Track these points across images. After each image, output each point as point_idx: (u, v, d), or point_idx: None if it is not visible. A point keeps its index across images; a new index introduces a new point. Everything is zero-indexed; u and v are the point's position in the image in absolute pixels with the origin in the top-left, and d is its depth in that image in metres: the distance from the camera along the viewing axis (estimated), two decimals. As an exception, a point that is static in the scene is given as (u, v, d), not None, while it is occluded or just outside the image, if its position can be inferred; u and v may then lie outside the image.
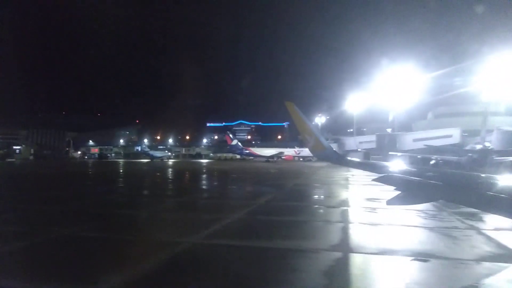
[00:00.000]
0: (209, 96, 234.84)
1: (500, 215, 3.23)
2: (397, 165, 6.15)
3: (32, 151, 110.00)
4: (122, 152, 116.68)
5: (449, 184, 3.93)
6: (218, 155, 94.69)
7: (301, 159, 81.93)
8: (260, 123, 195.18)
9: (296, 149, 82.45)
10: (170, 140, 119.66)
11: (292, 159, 77.66)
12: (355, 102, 63.81)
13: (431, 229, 10.16)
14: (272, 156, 75.84)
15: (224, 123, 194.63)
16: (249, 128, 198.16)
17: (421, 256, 7.13)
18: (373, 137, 56.20)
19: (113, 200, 16.63)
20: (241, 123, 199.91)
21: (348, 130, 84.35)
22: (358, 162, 6.93)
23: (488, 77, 42.47)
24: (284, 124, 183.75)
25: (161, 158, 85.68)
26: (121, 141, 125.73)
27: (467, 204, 4.07)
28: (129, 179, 32.22)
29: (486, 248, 7.91)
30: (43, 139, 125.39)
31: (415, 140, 47.38)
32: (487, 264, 6.72)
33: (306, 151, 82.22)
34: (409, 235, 9.54)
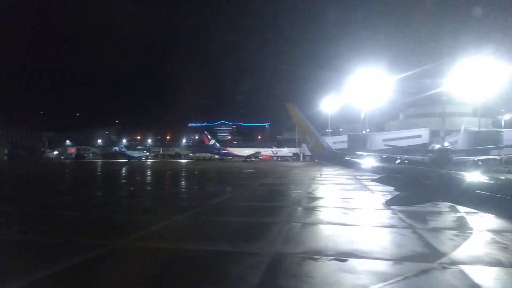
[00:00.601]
0: (191, 96, 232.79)
1: (498, 215, 3.20)
2: (396, 165, 6.10)
3: (6, 151, 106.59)
4: (99, 153, 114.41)
5: (448, 185, 3.93)
6: (197, 155, 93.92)
7: (279, 159, 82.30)
8: (241, 123, 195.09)
9: (274, 149, 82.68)
10: (149, 140, 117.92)
11: (269, 158, 77.81)
12: (330, 103, 64.41)
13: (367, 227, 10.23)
14: (249, 156, 75.78)
15: (205, 123, 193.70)
16: (230, 128, 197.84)
17: (343, 256, 7.06)
18: (345, 137, 56.76)
19: (43, 200, 15.80)
20: (222, 123, 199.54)
21: (327, 130, 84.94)
22: (358, 163, 6.92)
23: (457, 79, 43.64)
24: (265, 124, 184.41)
25: (138, 158, 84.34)
26: (99, 141, 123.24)
27: (465, 204, 4.10)
28: (90, 179, 31.36)
29: (412, 248, 7.91)
30: (18, 139, 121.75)
31: (384, 140, 48.17)
32: (406, 264, 6.69)
33: (283, 151, 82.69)
34: (343, 234, 9.47)
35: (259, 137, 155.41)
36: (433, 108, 55.94)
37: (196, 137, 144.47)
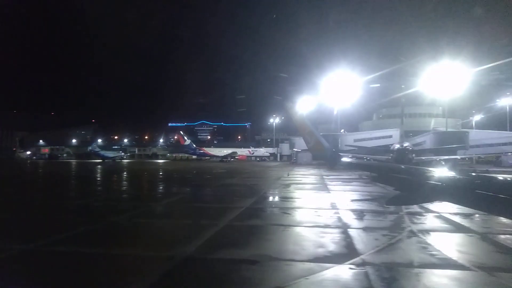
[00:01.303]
0: (171, 95, 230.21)
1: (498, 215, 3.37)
2: (396, 165, 5.98)
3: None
4: (74, 153, 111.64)
5: (448, 185, 3.90)
6: (174, 155, 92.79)
7: (257, 159, 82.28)
8: (222, 123, 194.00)
9: (251, 149, 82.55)
10: (126, 140, 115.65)
11: (245, 158, 77.63)
12: (305, 103, 64.72)
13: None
14: (226, 156, 75.40)
15: (186, 123, 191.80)
16: (211, 128, 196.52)
17: (254, 258, 6.85)
18: (319, 137, 56.80)
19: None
20: (203, 123, 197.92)
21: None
22: (358, 163, 6.91)
23: (427, 81, 44.51)
24: (246, 124, 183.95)
25: (113, 158, 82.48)
26: (74, 141, 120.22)
27: (466, 204, 4.06)
28: (44, 179, 30.39)
29: (330, 248, 7.80)
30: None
31: (356, 140, 48.66)
32: (316, 264, 6.54)
33: (260, 151, 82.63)
34: (272, 235, 9.29)
35: (239, 137, 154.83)
36: (405, 109, 56.80)
37: (176, 137, 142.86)
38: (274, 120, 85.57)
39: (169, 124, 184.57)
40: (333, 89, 49.76)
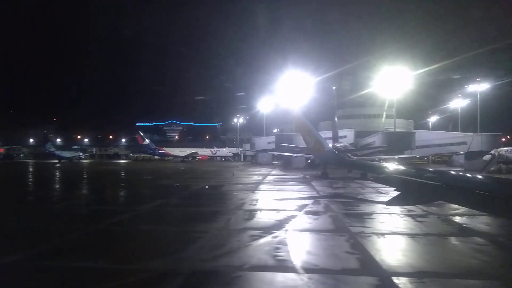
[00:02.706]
0: (140, 94, 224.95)
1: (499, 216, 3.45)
2: (397, 166, 5.85)
3: None
4: (31, 153, 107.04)
5: (449, 185, 3.88)
6: (135, 155, 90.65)
7: (223, 159, 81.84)
8: (192, 123, 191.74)
9: (213, 149, 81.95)
10: (86, 140, 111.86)
11: (207, 159, 76.92)
12: (266, 104, 65.04)
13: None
14: (187, 156, 74.33)
15: (154, 123, 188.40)
16: (180, 127, 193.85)
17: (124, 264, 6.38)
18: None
19: None
20: (172, 123, 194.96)
21: (274, 130, 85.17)
22: (358, 163, 6.72)
23: (382, 82, 45.54)
24: (216, 124, 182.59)
25: (70, 159, 79.74)
26: (31, 140, 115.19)
27: (466, 205, 4.09)
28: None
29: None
30: None
31: (311, 140, 49.25)
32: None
33: (223, 151, 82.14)
34: (156, 238, 8.89)
35: (207, 137, 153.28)
36: (360, 110, 58.14)
37: (135, 137, 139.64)
38: (238, 120, 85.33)
39: (137, 124, 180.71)
40: (291, 90, 49.97)
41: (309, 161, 35.36)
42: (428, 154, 55.13)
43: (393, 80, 45.06)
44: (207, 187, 22.13)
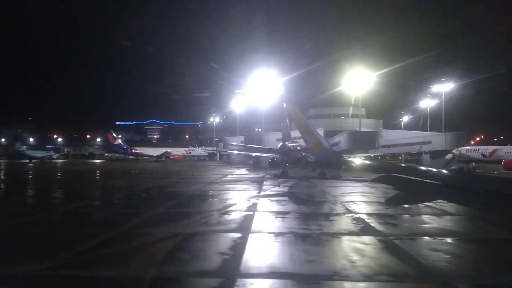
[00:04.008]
0: (119, 93, 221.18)
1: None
2: (397, 165, 5.78)
3: None
4: (3, 153, 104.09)
5: (448, 184, 3.90)
6: (109, 155, 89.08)
7: (195, 158, 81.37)
8: (173, 122, 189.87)
9: (188, 148, 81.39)
10: (60, 139, 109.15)
11: (180, 158, 76.31)
12: (239, 103, 65.01)
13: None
14: (160, 156, 73.59)
15: (134, 122, 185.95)
16: (161, 127, 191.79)
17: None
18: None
19: None
20: (153, 122, 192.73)
21: (256, 129, 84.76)
22: (359, 163, 6.65)
23: (351, 82, 46.06)
24: (198, 123, 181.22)
25: (41, 158, 77.95)
26: (3, 140, 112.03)
27: (466, 204, 4.14)
28: None
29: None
30: None
31: (278, 140, 49.26)
32: None
33: (197, 151, 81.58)
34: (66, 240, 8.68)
35: (187, 136, 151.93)
36: (330, 109, 58.60)
37: (119, 136, 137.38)
38: (214, 120, 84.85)
39: (117, 123, 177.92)
40: (261, 89, 50.07)
41: (269, 160, 35.57)
42: (394, 153, 55.97)
43: (362, 79, 45.68)
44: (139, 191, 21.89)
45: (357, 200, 15.63)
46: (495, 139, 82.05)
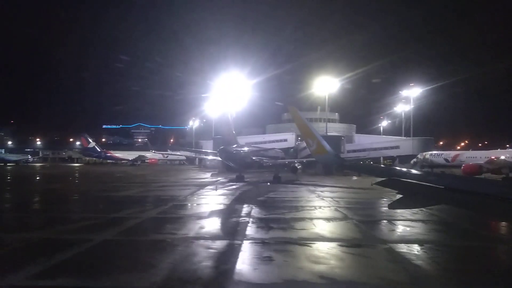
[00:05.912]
0: (106, 96, 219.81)
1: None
2: (399, 169, 5.86)
3: None
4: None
5: (451, 188, 3.84)
6: (87, 159, 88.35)
7: (181, 162, 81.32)
8: (160, 125, 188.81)
9: (166, 152, 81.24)
10: (39, 142, 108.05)
11: (156, 162, 76.19)
12: (212, 107, 64.90)
13: None
14: (135, 160, 73.20)
15: (121, 125, 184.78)
16: (148, 130, 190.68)
17: None
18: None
19: None
20: (140, 125, 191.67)
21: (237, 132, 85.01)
22: (361, 166, 7.18)
23: (322, 87, 46.45)
24: (186, 127, 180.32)
25: (16, 162, 76.98)
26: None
27: (470, 208, 4.05)
28: None
29: None
30: None
31: (248, 144, 49.30)
32: None
33: (174, 155, 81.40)
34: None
35: (172, 140, 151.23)
36: (304, 114, 58.41)
37: (103, 140, 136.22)
38: (194, 123, 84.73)
39: (104, 126, 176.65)
40: (231, 93, 50.10)
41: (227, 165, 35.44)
42: (363, 158, 56.44)
43: (333, 83, 46.06)
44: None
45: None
46: (479, 144, 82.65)
